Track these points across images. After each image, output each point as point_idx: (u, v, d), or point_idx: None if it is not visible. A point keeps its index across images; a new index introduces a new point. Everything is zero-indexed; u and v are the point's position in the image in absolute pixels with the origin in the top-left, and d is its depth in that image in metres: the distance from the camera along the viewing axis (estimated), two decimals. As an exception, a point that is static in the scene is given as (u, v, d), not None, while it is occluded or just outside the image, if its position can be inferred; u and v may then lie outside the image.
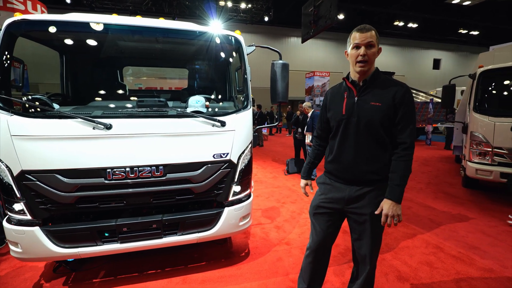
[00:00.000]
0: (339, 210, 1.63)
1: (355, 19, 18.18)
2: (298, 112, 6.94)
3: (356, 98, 1.53)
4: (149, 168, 2.07)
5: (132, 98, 2.82)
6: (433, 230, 3.32)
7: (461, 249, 2.87)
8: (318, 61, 22.60)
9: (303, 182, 1.89)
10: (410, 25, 20.25)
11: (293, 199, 4.53)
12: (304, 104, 6.03)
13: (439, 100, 12.68)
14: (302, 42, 9.64)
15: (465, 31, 21.71)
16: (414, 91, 15.00)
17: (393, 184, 1.46)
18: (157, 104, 2.25)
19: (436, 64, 26.85)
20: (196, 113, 2.21)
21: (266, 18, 17.12)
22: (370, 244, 1.56)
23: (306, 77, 19.44)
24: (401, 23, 19.88)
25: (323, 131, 1.78)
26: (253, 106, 14.86)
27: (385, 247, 2.89)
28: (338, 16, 16.64)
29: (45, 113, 1.97)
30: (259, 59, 15.86)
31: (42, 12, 6.65)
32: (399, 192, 1.45)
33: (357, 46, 1.46)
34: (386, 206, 1.46)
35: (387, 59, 24.74)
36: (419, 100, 13.04)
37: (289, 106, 17.40)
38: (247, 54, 2.55)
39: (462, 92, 9.76)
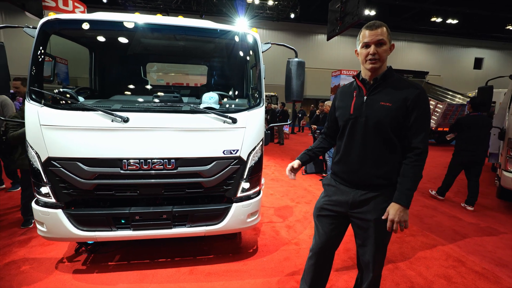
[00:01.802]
0: (343, 213, 1.57)
1: (387, 15, 17.32)
2: (318, 111, 6.78)
3: (365, 98, 1.45)
4: (161, 160, 2.16)
5: (150, 93, 2.94)
6: (456, 242, 3.09)
7: (486, 265, 2.64)
8: (346, 59, 21.84)
9: (293, 162, 1.79)
10: (449, 21, 18.80)
11: (308, 200, 4.46)
12: (326, 102, 5.89)
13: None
14: (328, 39, 9.37)
15: (513, 28, 19.71)
16: (450, 93, 13.95)
17: (404, 188, 1.39)
18: (171, 99, 2.33)
19: (478, 63, 24.69)
20: (208, 110, 2.25)
21: (292, 15, 16.86)
22: (373, 251, 1.49)
23: (332, 75, 18.90)
24: (439, 19, 18.51)
25: (330, 130, 1.75)
26: (276, 104, 14.81)
27: (400, 256, 2.75)
28: (367, 12, 15.93)
29: (70, 105, 2.13)
30: (283, 56, 15.75)
31: (75, 7, 7.13)
32: (409, 197, 1.38)
33: (366, 45, 1.39)
34: (393, 211, 1.38)
35: (421, 57, 23.27)
36: (454, 102, 12.12)
37: (312, 105, 17.07)
38: (263, 52, 2.55)
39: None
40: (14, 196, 4.16)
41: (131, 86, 3.03)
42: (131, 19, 2.28)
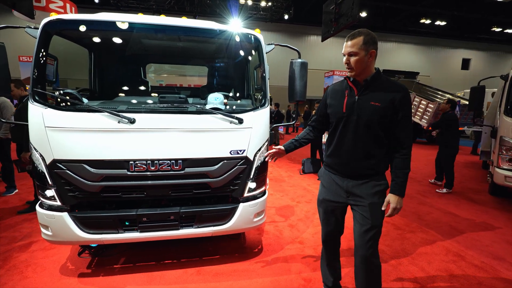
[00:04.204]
0: (341, 202, 1.74)
1: (379, 17, 17.64)
2: (313, 112, 6.88)
3: (356, 97, 1.60)
4: (168, 161, 2.15)
5: (154, 94, 2.93)
6: (454, 238, 3.19)
7: (484, 258, 2.73)
8: (338, 60, 22.08)
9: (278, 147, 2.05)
10: (437, 23, 19.30)
11: (308, 199, 4.51)
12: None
13: (467, 102, 11.99)
14: (322, 40, 9.45)
15: (498, 29, 20.38)
16: (440, 93, 14.29)
17: (399, 181, 1.61)
18: (178, 100, 2.32)
19: (465, 64, 25.40)
20: (214, 110, 2.26)
21: (286, 16, 16.99)
22: (368, 234, 1.63)
23: (325, 76, 19.06)
24: (428, 21, 18.99)
25: (318, 123, 1.93)
26: (270, 104, 14.88)
27: (402, 252, 2.81)
28: (360, 14, 16.19)
29: (76, 106, 2.10)
30: (277, 58, 15.84)
31: (49, 2, 7.05)
32: (404, 188, 1.63)
33: (344, 54, 1.58)
34: (394, 200, 1.61)
35: (411, 58, 23.77)
36: (444, 102, 12.41)
37: (307, 106, 17.22)
38: (266, 53, 2.57)
39: (493, 94, 9.18)
40: (9, 201, 4.05)
41: (135, 87, 3.01)
42: (137, 19, 2.27)
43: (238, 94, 3.19)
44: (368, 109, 1.55)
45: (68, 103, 2.17)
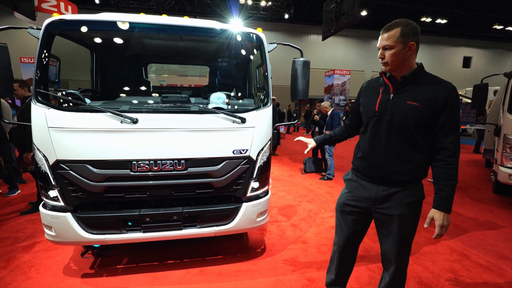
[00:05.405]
0: (366, 209, 1.59)
1: (379, 15, 17.59)
2: (315, 111, 6.87)
3: (391, 95, 1.43)
4: (171, 161, 2.15)
5: (156, 94, 2.92)
6: (458, 237, 3.17)
7: (489, 258, 2.71)
8: (339, 59, 22.09)
9: (310, 142, 1.98)
10: (438, 21, 19.22)
11: (310, 198, 4.50)
12: (322, 103, 5.97)
13: (468, 101, 11.95)
14: (323, 39, 9.45)
15: (500, 27, 20.29)
16: (441, 91, 14.26)
17: (444, 195, 1.39)
18: (180, 100, 2.32)
19: (467, 62, 25.30)
20: (217, 110, 2.25)
21: (286, 16, 16.95)
22: (396, 246, 1.51)
23: (325, 75, 19.01)
24: (429, 19, 18.91)
25: (352, 122, 1.81)
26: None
27: (405, 251, 2.80)
28: (361, 12, 16.16)
29: (78, 107, 2.10)
30: (278, 57, 15.81)
31: (41, 1, 7.01)
32: (450, 202, 1.40)
33: (379, 48, 1.43)
34: (439, 217, 1.41)
35: (412, 57, 23.67)
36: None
37: (308, 105, 17.19)
38: (268, 52, 2.56)
39: (495, 92, 9.14)
40: (12, 201, 4.06)
41: (137, 87, 3.00)
42: (139, 19, 2.26)
43: (240, 94, 3.18)
44: (403, 108, 1.37)
45: (71, 104, 2.16)
